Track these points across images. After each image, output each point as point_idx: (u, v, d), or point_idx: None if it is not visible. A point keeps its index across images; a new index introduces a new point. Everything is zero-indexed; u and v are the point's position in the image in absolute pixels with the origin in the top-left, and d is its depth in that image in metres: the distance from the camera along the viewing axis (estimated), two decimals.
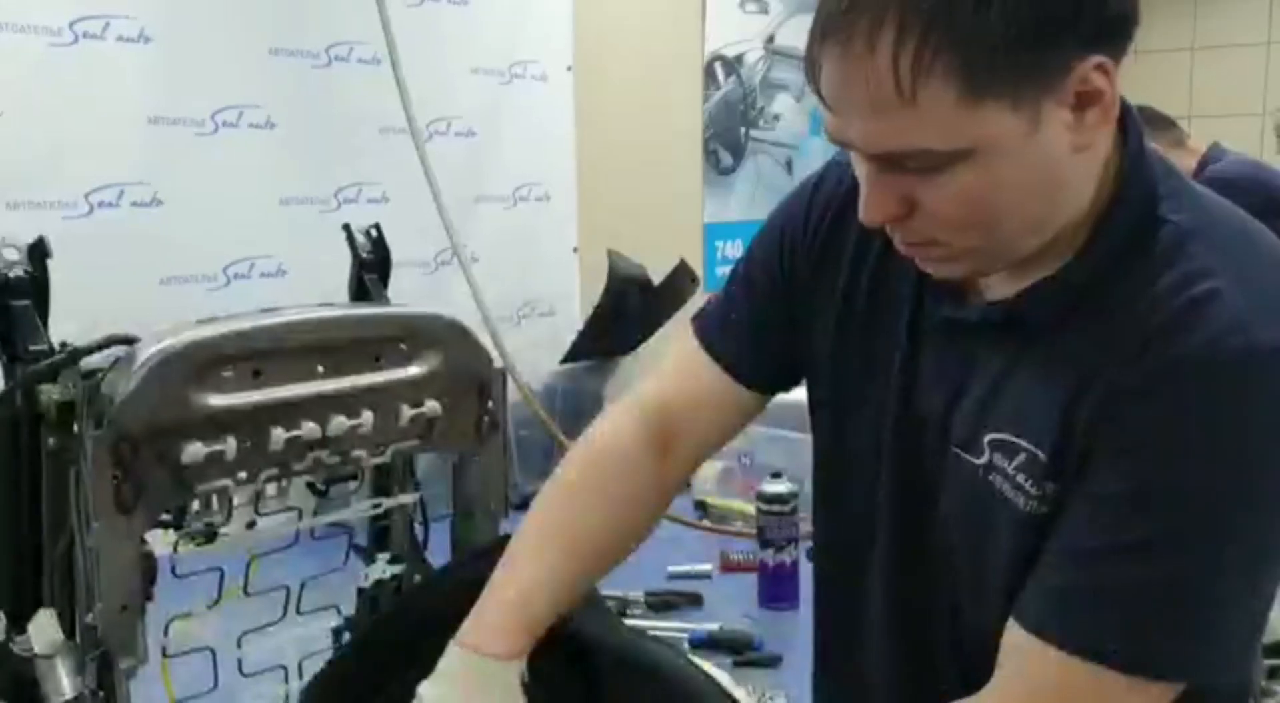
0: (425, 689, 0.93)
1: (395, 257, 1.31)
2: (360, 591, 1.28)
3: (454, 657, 0.94)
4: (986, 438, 0.85)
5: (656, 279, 2.46)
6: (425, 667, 0.95)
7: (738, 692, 1.21)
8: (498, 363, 1.26)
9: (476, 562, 1.06)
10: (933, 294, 0.91)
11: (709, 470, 2.27)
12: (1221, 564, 0.77)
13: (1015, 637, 0.81)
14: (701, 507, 2.23)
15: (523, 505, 2.30)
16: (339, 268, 1.30)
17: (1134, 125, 0.84)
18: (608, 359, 2.51)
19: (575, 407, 2.44)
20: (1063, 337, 0.82)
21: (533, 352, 2.41)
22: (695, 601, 1.81)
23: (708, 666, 1.25)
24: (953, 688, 0.90)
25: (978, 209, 0.79)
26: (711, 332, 1.07)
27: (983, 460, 0.86)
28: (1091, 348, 0.80)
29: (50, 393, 0.97)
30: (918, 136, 0.75)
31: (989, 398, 0.86)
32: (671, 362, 1.09)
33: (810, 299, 1.01)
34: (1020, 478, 0.83)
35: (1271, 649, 1.91)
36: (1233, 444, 0.75)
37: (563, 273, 2.68)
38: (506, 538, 1.07)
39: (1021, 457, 0.83)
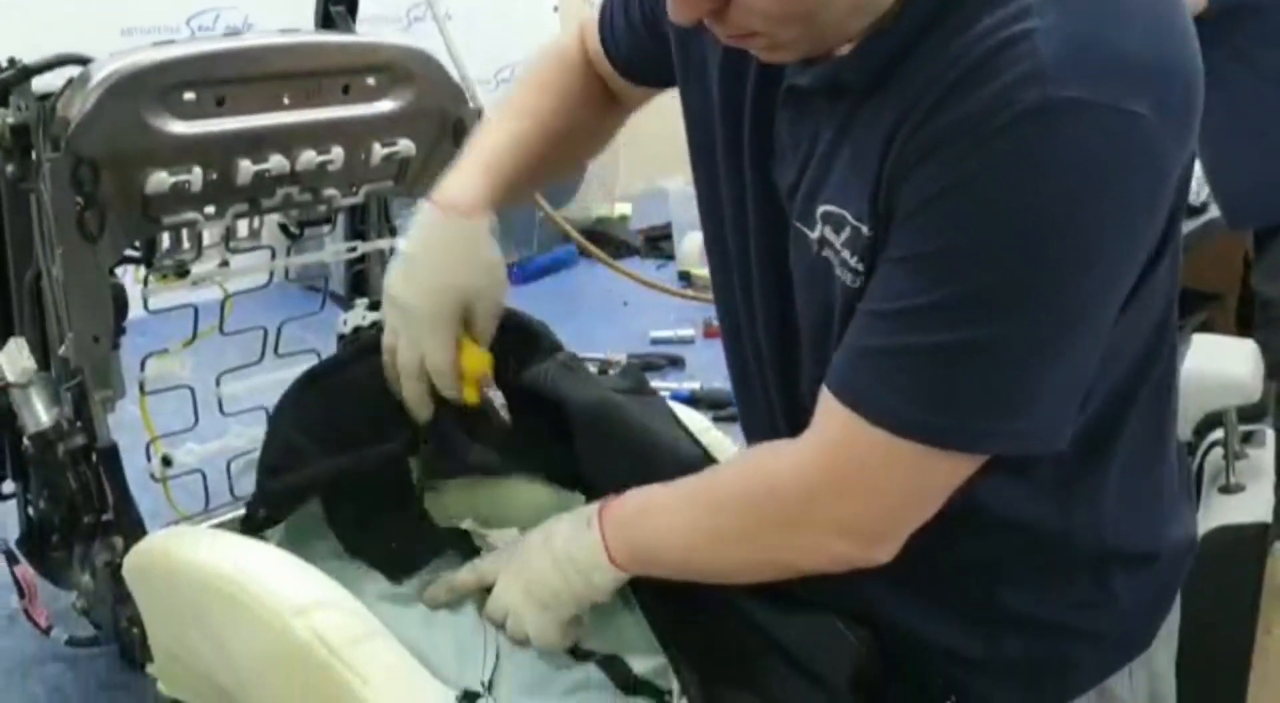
0: (402, 244, 0.98)
1: (364, 11, 1.24)
2: (340, 337, 1.27)
3: (426, 213, 0.98)
4: (819, 210, 0.81)
5: None
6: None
7: (715, 433, 1.23)
8: (474, 104, 1.21)
9: None
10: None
11: (694, 242, 2.25)
12: (1009, 331, 0.72)
13: (822, 394, 0.79)
14: (685, 277, 2.22)
15: None
16: (309, 25, 1.23)
17: None
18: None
19: None
20: (881, 99, 0.76)
21: None
22: (677, 363, 1.82)
23: (686, 411, 1.26)
24: None
25: (794, 1, 0.73)
26: (604, 23, 1.05)
27: (816, 234, 0.81)
28: (901, 106, 0.73)
29: (3, 117, 0.93)
30: None
31: (823, 168, 0.81)
32: (587, 20, 1.08)
33: (685, 56, 0.94)
34: (846, 254, 0.79)
35: (1246, 414, 1.95)
36: (1020, 205, 0.69)
37: (543, 34, 2.57)
38: None
39: (847, 231, 0.78)
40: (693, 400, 1.64)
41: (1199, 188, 2.23)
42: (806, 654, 0.89)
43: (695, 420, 1.24)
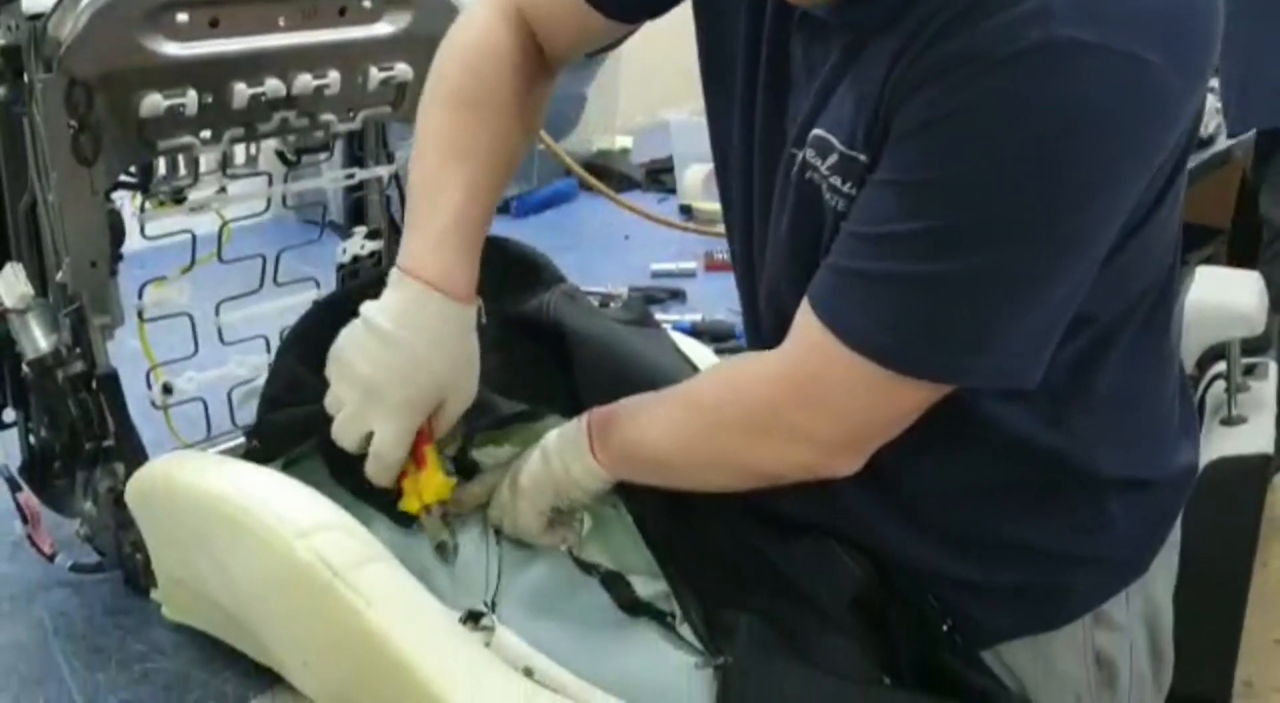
0: (377, 316, 0.89)
1: None
2: (340, 267, 1.26)
3: (409, 288, 0.90)
4: (811, 134, 0.80)
5: None
6: None
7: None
8: None
9: None
10: None
11: (696, 175, 2.23)
12: (991, 268, 0.71)
13: (801, 306, 0.79)
14: (687, 210, 2.20)
15: (503, 208, 2.29)
16: None
17: None
18: (588, 57, 2.42)
19: (554, 107, 2.37)
20: (888, 34, 0.74)
21: None
22: (678, 296, 1.81)
23: (688, 342, 1.26)
24: None
25: None
26: None
27: (801, 158, 0.81)
28: (907, 33, 0.72)
29: None
30: None
31: (824, 95, 0.80)
32: None
33: None
34: (836, 180, 0.78)
35: (1249, 346, 1.95)
36: (1012, 143, 0.68)
37: None
38: None
39: (834, 157, 0.78)
40: (694, 332, 1.63)
41: (1207, 119, 2.20)
42: (806, 580, 0.89)
43: (698, 351, 1.24)
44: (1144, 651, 0.93)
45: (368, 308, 0.91)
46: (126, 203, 1.04)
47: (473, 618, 0.86)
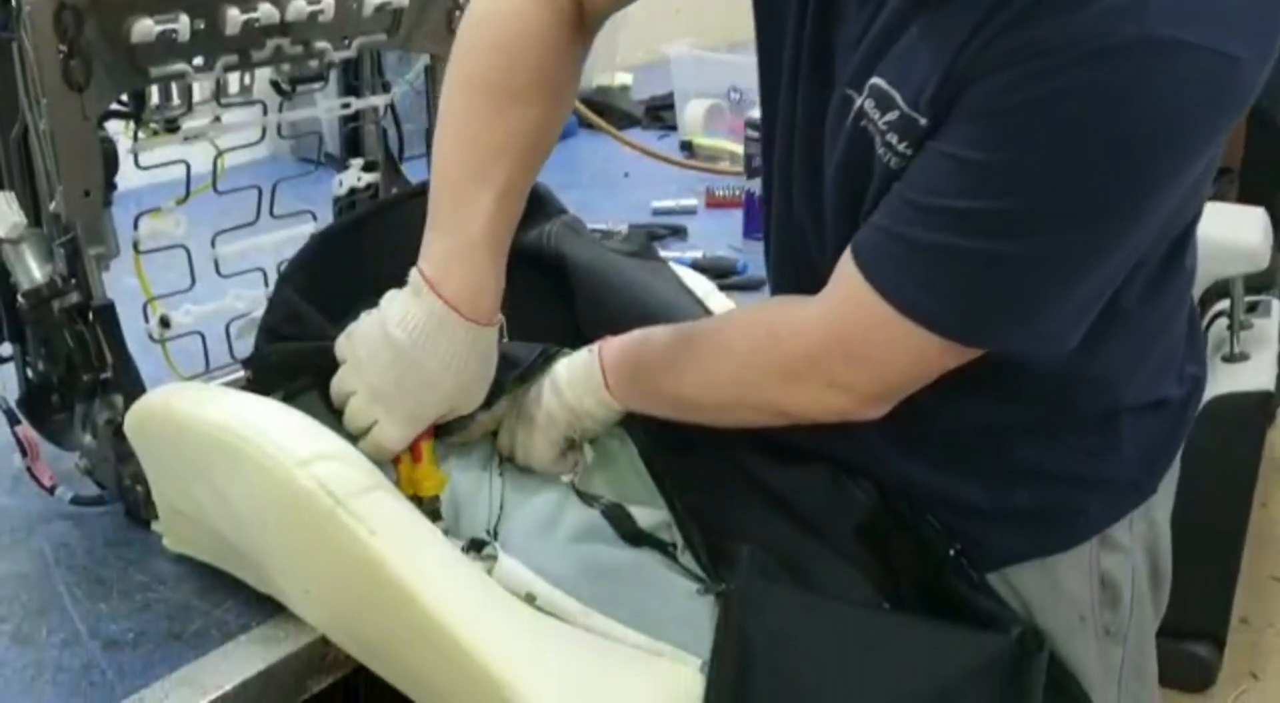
0: (406, 343, 0.87)
1: None
2: (336, 200, 1.25)
3: (431, 307, 0.87)
4: (870, 81, 0.78)
5: None
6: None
7: (718, 297, 1.22)
8: None
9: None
10: None
11: (697, 110, 2.20)
12: (1049, 250, 0.72)
13: (844, 260, 0.79)
14: (688, 147, 2.18)
15: None
16: None
17: None
18: None
19: None
20: None
21: None
22: (679, 233, 1.80)
23: (690, 275, 1.25)
24: None
25: None
26: None
27: (858, 104, 0.79)
28: (986, 8, 0.70)
29: None
30: None
31: (886, 38, 0.78)
32: None
33: None
34: (892, 137, 0.77)
35: (1252, 283, 1.94)
36: (1095, 136, 0.68)
37: None
38: None
39: (895, 114, 0.76)
40: (696, 269, 1.62)
41: None
42: (811, 507, 0.89)
43: (700, 284, 1.23)
44: (1144, 573, 0.93)
45: (389, 306, 0.89)
46: (120, 139, 1.03)
47: (475, 547, 0.86)
